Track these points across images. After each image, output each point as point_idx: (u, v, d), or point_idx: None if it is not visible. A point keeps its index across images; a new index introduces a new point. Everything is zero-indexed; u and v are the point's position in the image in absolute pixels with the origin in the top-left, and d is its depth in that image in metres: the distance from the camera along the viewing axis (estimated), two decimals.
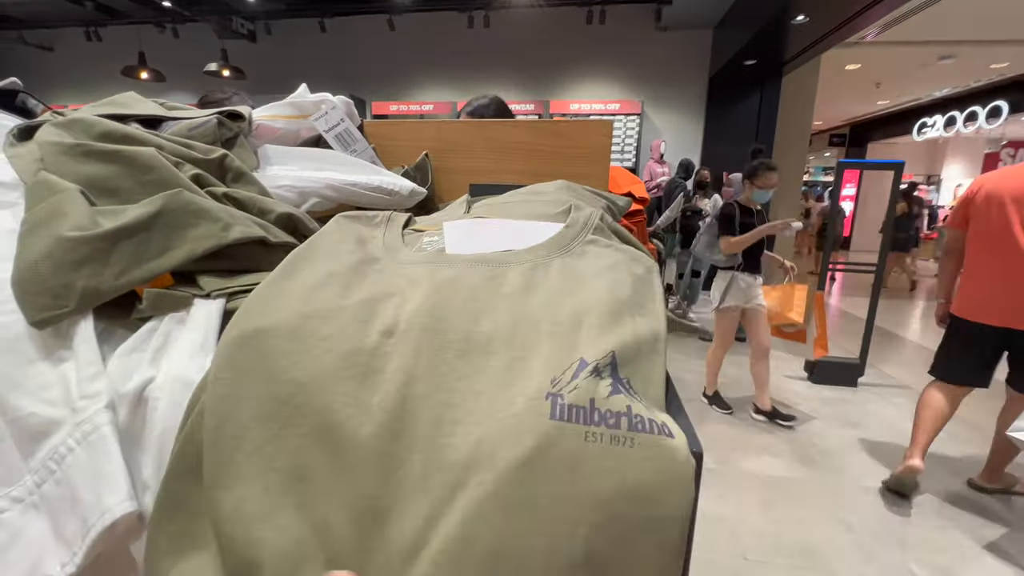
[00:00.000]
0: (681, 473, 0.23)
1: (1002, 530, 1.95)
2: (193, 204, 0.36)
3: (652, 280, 0.37)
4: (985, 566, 1.77)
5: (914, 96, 8.69)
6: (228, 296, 0.35)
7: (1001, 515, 2.03)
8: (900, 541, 1.91)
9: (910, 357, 4.10)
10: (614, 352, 0.27)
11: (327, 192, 0.53)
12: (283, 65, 6.66)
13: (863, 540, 1.91)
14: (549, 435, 0.23)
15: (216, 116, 0.49)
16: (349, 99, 0.63)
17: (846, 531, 1.96)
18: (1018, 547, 1.86)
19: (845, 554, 1.84)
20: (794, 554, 1.84)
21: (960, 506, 2.09)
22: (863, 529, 1.97)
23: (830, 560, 1.81)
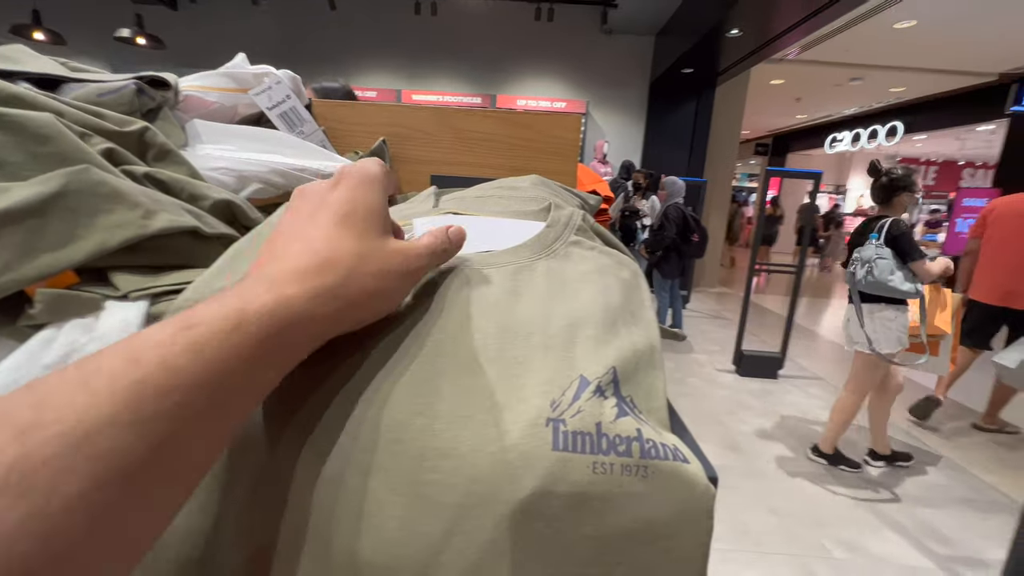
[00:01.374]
0: (700, 506, 0.21)
1: (898, 505, 2.18)
2: (105, 185, 0.29)
3: (640, 285, 0.35)
4: (884, 538, 1.97)
5: (827, 112, 9.54)
6: (152, 298, 0.29)
7: (899, 493, 2.27)
8: (817, 520, 2.08)
9: (823, 351, 4.50)
10: (615, 368, 0.25)
11: (272, 178, 0.47)
12: (208, 38, 6.10)
13: (786, 521, 2.06)
14: (553, 470, 0.20)
15: (134, 81, 0.41)
16: (296, 75, 0.56)
17: (771, 513, 2.11)
18: (911, 520, 2.08)
19: (771, 535, 1.97)
20: (726, 538, 1.95)
21: (866, 487, 2.32)
22: (786, 511, 2.13)
23: (759, 542, 1.94)
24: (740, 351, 3.66)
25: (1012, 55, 5.80)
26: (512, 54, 6.27)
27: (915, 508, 2.18)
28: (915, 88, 7.49)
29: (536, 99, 6.22)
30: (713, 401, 3.21)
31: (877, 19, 4.87)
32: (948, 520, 2.11)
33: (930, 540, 1.97)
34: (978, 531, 2.04)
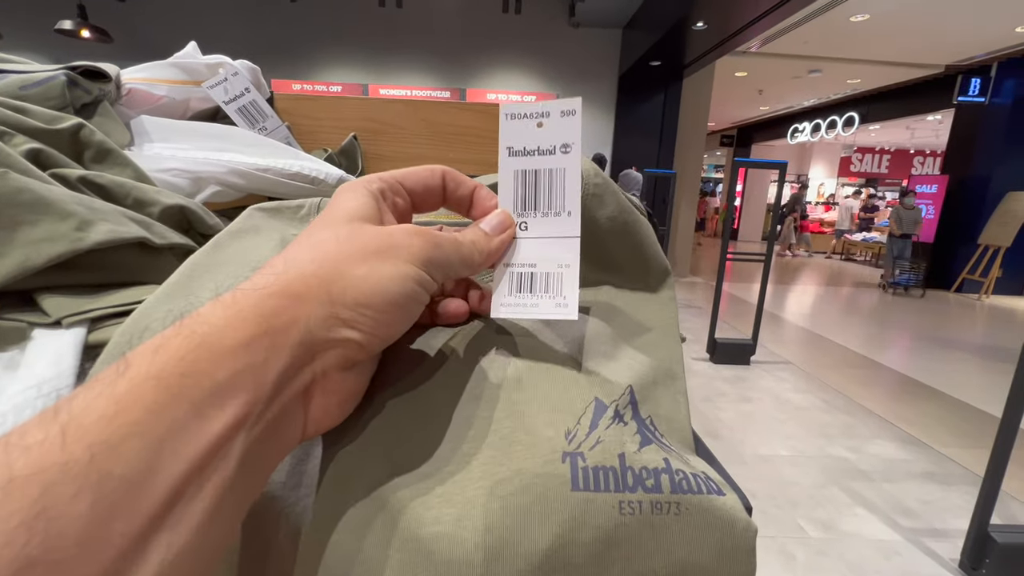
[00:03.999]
0: (741, 544, 0.19)
1: (868, 484, 2.27)
2: (26, 192, 0.24)
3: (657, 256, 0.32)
4: (857, 516, 2.05)
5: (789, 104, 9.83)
6: (91, 323, 0.25)
7: (868, 473, 2.36)
8: (791, 501, 2.14)
9: (791, 336, 4.65)
10: (631, 387, 0.22)
11: (231, 179, 0.42)
12: (160, 31, 5.78)
13: (762, 503, 2.11)
14: (575, 514, 0.18)
15: (64, 72, 0.36)
16: (255, 66, 0.51)
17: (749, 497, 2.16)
18: (882, 498, 2.17)
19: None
20: None
21: (836, 467, 2.40)
22: (762, 494, 2.18)
23: None
24: (713, 339, 3.73)
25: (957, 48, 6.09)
26: (480, 47, 6.20)
27: (883, 484, 2.27)
28: (869, 80, 7.79)
29: (506, 92, 6.17)
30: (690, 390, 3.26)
31: (834, 12, 5.02)
32: (912, 493, 2.20)
33: (897, 514, 2.06)
34: (940, 504, 2.14)
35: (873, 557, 1.81)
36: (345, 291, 0.18)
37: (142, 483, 0.12)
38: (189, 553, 0.13)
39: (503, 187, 0.24)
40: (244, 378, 0.15)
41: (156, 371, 0.13)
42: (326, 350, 0.17)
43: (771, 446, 2.59)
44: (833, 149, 12.47)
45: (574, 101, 0.22)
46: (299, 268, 0.18)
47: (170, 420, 0.13)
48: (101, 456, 0.11)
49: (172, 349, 0.14)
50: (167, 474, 0.12)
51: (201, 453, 0.13)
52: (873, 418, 2.92)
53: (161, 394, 0.13)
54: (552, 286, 0.23)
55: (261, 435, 0.15)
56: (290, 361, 0.16)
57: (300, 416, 0.18)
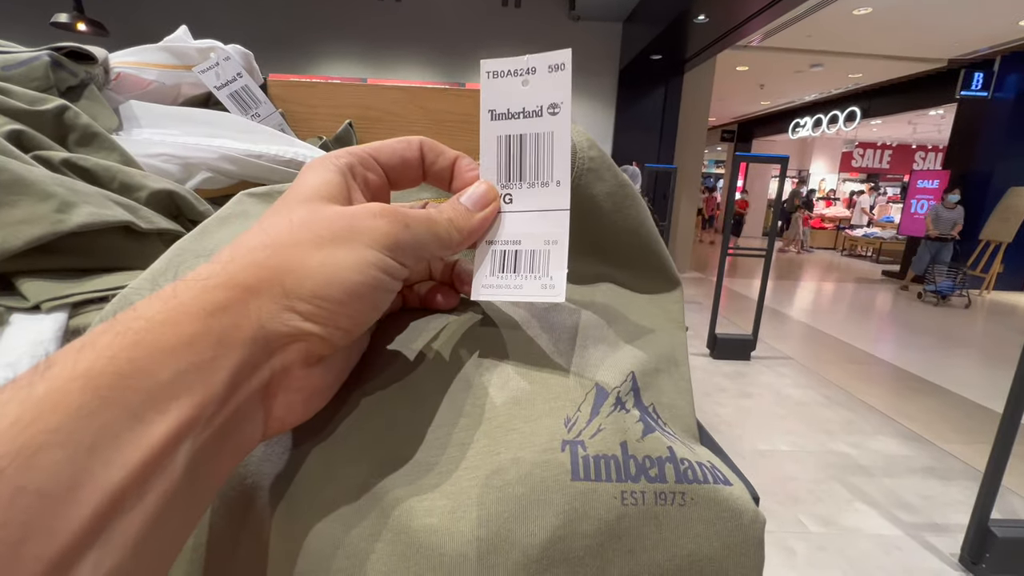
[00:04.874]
0: (749, 536, 0.18)
1: (869, 479, 2.27)
2: (4, 172, 0.23)
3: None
4: (857, 511, 2.04)
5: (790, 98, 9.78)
6: (71, 308, 0.24)
7: (868, 469, 2.36)
8: (790, 495, 2.14)
9: (793, 331, 4.64)
10: (633, 373, 0.21)
11: (223, 165, 0.41)
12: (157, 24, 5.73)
13: (762, 499, 2.11)
14: (575, 504, 0.17)
15: (48, 53, 0.35)
16: (248, 51, 0.50)
17: None
18: (882, 493, 2.17)
19: None
20: None
21: (837, 463, 2.40)
22: (761, 489, 2.17)
23: None
24: (714, 335, 3.73)
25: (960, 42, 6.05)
26: (480, 41, 6.16)
27: (883, 479, 2.26)
28: (871, 74, 7.75)
29: None
30: None
31: (837, 6, 4.99)
32: (912, 488, 2.20)
33: (898, 509, 2.06)
34: (941, 499, 2.14)
35: (873, 552, 1.81)
36: (300, 282, 0.16)
37: (64, 499, 0.10)
38: (123, 573, 0.11)
39: (485, 155, 0.22)
40: (189, 378, 0.13)
41: (83, 371, 0.12)
42: (285, 345, 0.16)
43: (771, 441, 2.59)
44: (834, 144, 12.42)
45: (563, 53, 0.20)
46: (249, 256, 0.16)
47: (99, 426, 0.11)
48: (13, 469, 0.10)
49: (101, 347, 0.12)
50: (96, 487, 0.11)
51: (139, 462, 0.12)
52: (875, 414, 2.91)
53: (89, 397, 0.11)
54: (538, 265, 0.21)
55: (212, 438, 0.14)
56: (244, 359, 0.15)
57: (259, 415, 0.16)
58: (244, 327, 0.15)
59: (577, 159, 0.24)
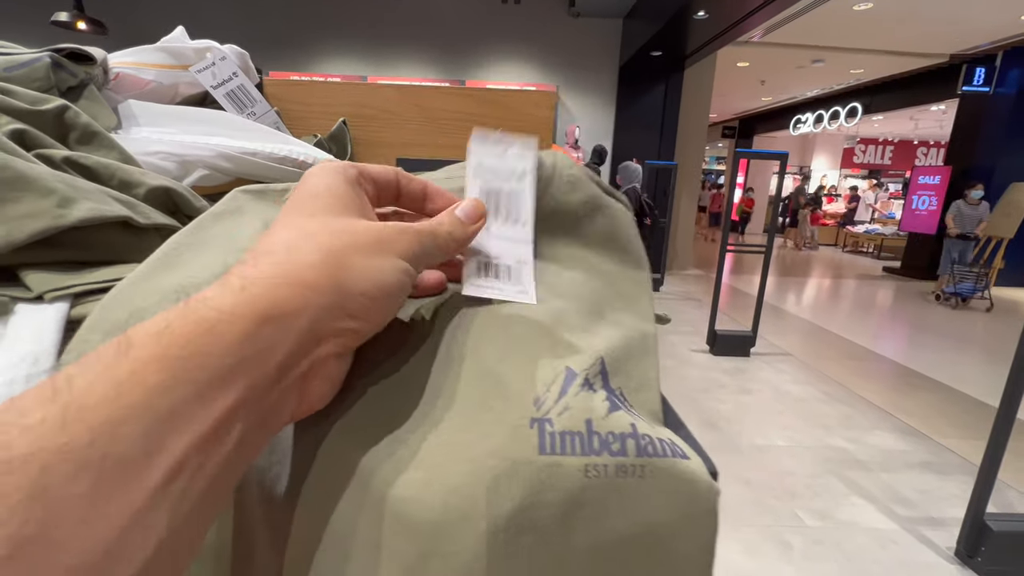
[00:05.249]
0: (704, 505, 0.19)
1: (866, 474, 2.28)
2: (7, 169, 0.25)
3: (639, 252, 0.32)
4: (854, 505, 2.06)
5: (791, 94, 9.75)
6: (73, 299, 0.25)
7: (866, 463, 2.37)
8: (787, 490, 2.15)
9: (792, 327, 4.65)
10: (602, 358, 0.23)
11: (219, 163, 0.42)
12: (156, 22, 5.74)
13: (759, 493, 2.13)
14: (541, 476, 0.18)
15: (49, 54, 0.36)
16: (243, 51, 0.51)
17: (744, 486, 2.17)
18: (879, 487, 2.18)
19: (745, 507, 2.03)
20: None
21: (835, 457, 2.41)
22: (758, 483, 2.19)
23: (735, 514, 1.99)
24: (713, 331, 3.73)
25: (962, 37, 6.03)
26: (479, 38, 6.15)
27: (880, 474, 2.27)
28: (873, 69, 7.72)
29: (506, 84, 6.13)
30: (688, 381, 3.27)
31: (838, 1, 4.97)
32: (910, 483, 2.21)
33: (894, 504, 2.07)
34: (937, 493, 2.15)
35: (869, 546, 1.82)
36: (354, 282, 0.18)
37: (142, 463, 0.12)
38: (184, 527, 0.13)
39: (471, 189, 0.26)
40: (249, 363, 0.15)
41: (160, 353, 0.14)
42: (329, 337, 0.18)
43: (769, 437, 2.60)
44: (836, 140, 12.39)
45: (532, 141, 0.27)
46: (304, 257, 0.18)
47: (172, 402, 0.13)
48: (102, 438, 0.12)
49: (179, 333, 0.14)
50: (167, 454, 0.13)
51: (202, 435, 0.14)
52: (873, 409, 2.92)
53: (165, 376, 0.13)
54: (513, 276, 0.26)
55: (259, 416, 0.16)
56: (295, 348, 0.17)
57: (294, 398, 0.18)
58: (301, 320, 0.17)
59: (559, 174, 0.29)
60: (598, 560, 0.18)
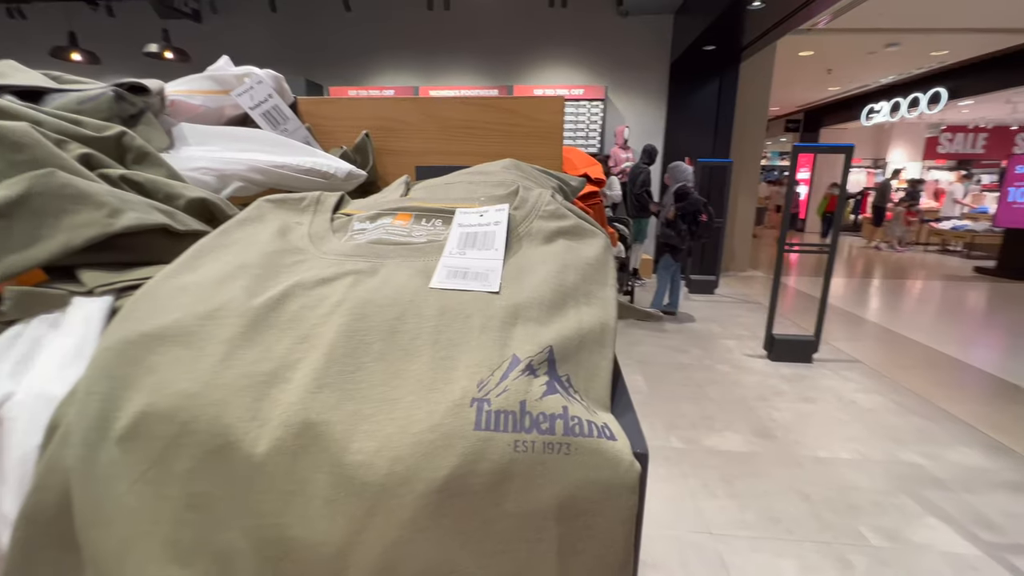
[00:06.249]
0: (624, 481, 0.20)
1: (944, 493, 2.08)
2: (69, 187, 0.30)
3: (606, 263, 0.34)
4: (927, 525, 1.88)
5: (862, 83, 9.05)
6: (117, 293, 0.30)
7: (944, 482, 2.16)
8: (852, 507, 2.01)
9: (863, 333, 4.31)
10: (551, 347, 0.24)
11: (252, 175, 0.48)
12: (231, 48, 6.26)
13: (819, 509, 1.99)
14: (473, 449, 0.20)
15: (113, 88, 0.43)
16: (278, 74, 0.57)
17: (803, 500, 2.05)
18: (960, 509, 1.98)
19: (803, 523, 1.91)
20: (755, 526, 1.90)
21: (907, 474, 2.22)
22: (818, 498, 2.06)
23: (790, 529, 1.88)
24: (771, 335, 3.54)
25: None
26: (527, 43, 6.20)
27: (961, 494, 2.07)
28: (959, 51, 7.01)
29: (553, 87, 6.14)
30: (743, 387, 3.13)
31: None
32: (995, 505, 2.00)
33: (977, 527, 1.88)
34: None
35: (944, 572, 1.67)
36: None
37: None
38: None
39: (453, 237, 0.34)
40: None
41: None
42: None
43: (831, 448, 2.43)
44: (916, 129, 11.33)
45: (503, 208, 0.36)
46: None
47: None
48: None
49: None
50: None
51: None
52: (955, 423, 2.66)
53: None
54: (480, 277, 0.30)
55: None
56: None
57: None
58: None
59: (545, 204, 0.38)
60: (524, 526, 0.20)
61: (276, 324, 0.26)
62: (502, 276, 0.30)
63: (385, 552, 0.20)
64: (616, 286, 0.32)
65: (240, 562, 0.21)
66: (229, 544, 0.22)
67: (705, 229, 4.25)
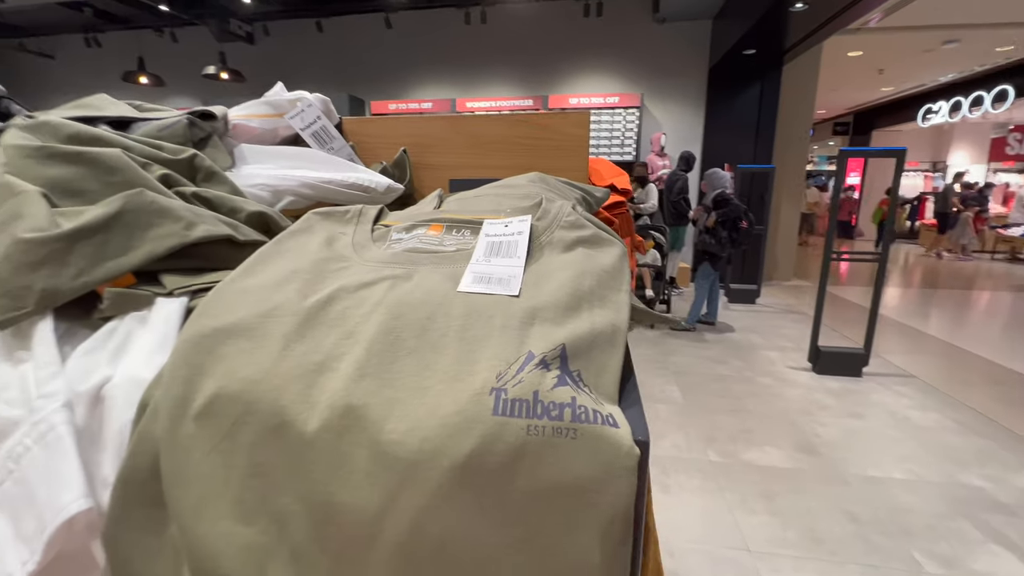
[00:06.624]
0: (624, 464, 0.23)
1: (1010, 519, 1.93)
2: (155, 204, 0.36)
3: (621, 270, 0.36)
4: (990, 552, 1.76)
5: (918, 82, 8.58)
6: (191, 294, 0.35)
7: (1010, 507, 2.01)
8: (904, 530, 1.90)
9: (920, 347, 4.06)
10: (564, 345, 0.27)
11: (302, 190, 0.53)
12: (281, 67, 6.67)
13: (866, 530, 1.90)
14: (491, 431, 0.23)
15: (187, 116, 0.49)
16: (326, 97, 0.63)
17: (850, 521, 1.95)
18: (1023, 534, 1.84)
19: (849, 544, 1.82)
20: (797, 545, 1.83)
21: (967, 497, 2.08)
22: (867, 519, 1.96)
23: (835, 551, 1.80)
24: (816, 346, 3.40)
25: None
26: (562, 53, 6.26)
27: None
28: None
29: (588, 96, 6.15)
30: (785, 401, 3.01)
31: None
32: None
33: None
34: None
35: None
36: None
37: None
38: None
39: (480, 246, 0.38)
40: None
41: None
42: None
43: (882, 467, 2.30)
44: (980, 129, 10.60)
45: (526, 220, 0.39)
46: None
47: None
48: None
49: None
50: None
51: None
52: (1021, 443, 2.47)
53: None
54: (503, 282, 0.33)
55: None
56: None
57: None
58: None
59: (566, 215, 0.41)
60: (534, 499, 0.23)
61: (324, 322, 0.30)
62: (523, 281, 0.33)
63: (414, 518, 0.23)
64: (630, 291, 0.34)
65: (293, 522, 0.25)
66: (284, 507, 0.25)
67: (745, 236, 4.15)
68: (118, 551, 0.27)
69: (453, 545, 0.23)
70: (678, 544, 1.84)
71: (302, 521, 0.25)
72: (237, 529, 0.25)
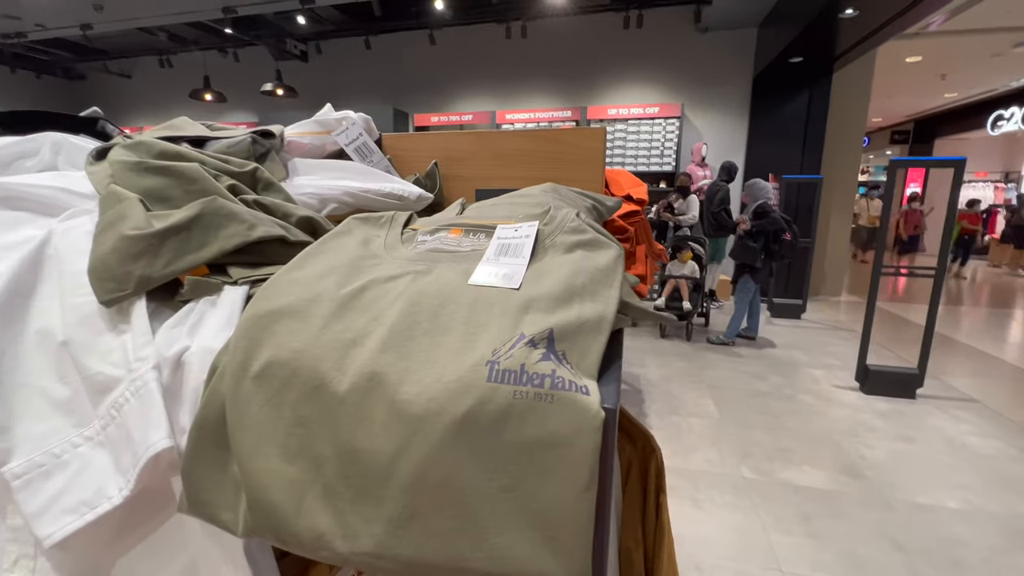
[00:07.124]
0: (591, 424, 0.28)
1: None
2: (224, 208, 0.43)
3: (614, 270, 0.41)
4: None
5: (987, 87, 8.05)
6: (252, 283, 0.43)
7: None
8: (955, 562, 1.79)
9: (983, 369, 3.79)
10: (552, 329, 0.32)
11: (345, 198, 0.60)
12: (332, 82, 7.06)
13: (913, 559, 1.80)
14: (484, 395, 0.29)
15: (250, 135, 0.58)
16: (367, 116, 0.70)
17: (895, 549, 1.86)
18: None
19: (892, 572, 1.74)
20: (835, 569, 1.76)
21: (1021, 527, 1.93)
22: (914, 548, 1.86)
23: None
24: (864, 365, 3.24)
25: None
26: (602, 65, 6.29)
27: None
28: None
29: (628, 106, 6.15)
30: (828, 420, 2.89)
31: None
32: None
33: None
34: None
35: None
36: None
37: None
38: None
39: (491, 247, 0.43)
40: None
41: None
42: None
43: (934, 495, 2.17)
44: None
45: (534, 224, 0.45)
46: None
47: None
48: None
49: None
50: None
51: None
52: None
53: None
54: (507, 277, 0.39)
55: None
56: None
57: None
58: None
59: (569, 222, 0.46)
60: (518, 451, 0.28)
61: (356, 307, 0.37)
62: (525, 277, 0.38)
63: (421, 462, 0.29)
64: (620, 287, 0.38)
65: (326, 463, 0.31)
66: (320, 451, 0.32)
67: (789, 248, 4.02)
68: (193, 483, 0.35)
69: (451, 485, 0.29)
70: (707, 559, 1.81)
71: (333, 462, 0.31)
72: (283, 467, 0.32)
